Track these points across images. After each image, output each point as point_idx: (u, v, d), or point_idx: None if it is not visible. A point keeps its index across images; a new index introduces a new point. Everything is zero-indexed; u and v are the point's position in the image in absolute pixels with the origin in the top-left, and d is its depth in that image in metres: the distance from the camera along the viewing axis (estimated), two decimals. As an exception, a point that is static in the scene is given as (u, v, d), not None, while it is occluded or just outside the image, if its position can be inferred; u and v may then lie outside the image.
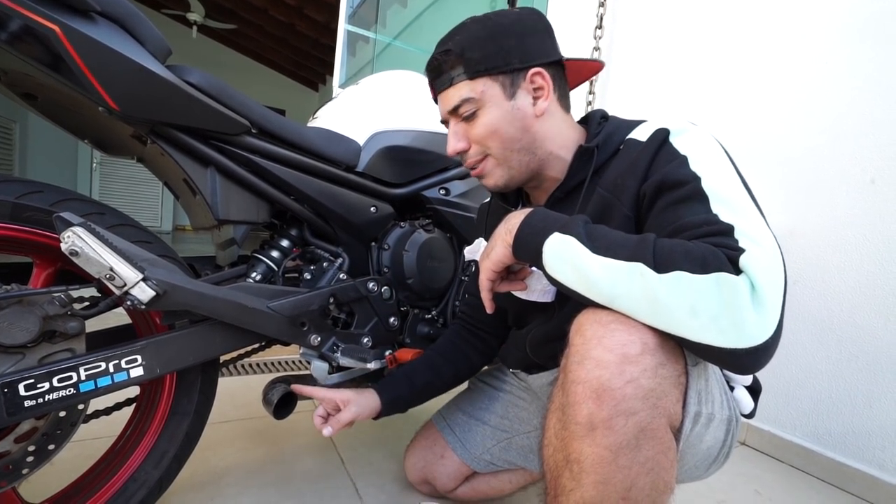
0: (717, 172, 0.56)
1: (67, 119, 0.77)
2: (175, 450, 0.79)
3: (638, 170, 0.62)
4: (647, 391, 0.49)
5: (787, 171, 1.37)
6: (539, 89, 0.68)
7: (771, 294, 0.46)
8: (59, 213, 0.59)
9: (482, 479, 0.95)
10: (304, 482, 1.01)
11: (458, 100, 0.68)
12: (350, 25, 2.34)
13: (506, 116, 0.68)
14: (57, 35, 0.57)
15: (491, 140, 0.69)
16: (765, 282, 0.46)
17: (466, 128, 0.70)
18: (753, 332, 0.45)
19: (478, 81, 0.67)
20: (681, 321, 0.47)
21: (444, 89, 0.70)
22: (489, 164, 0.71)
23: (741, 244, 0.48)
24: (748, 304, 0.45)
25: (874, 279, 1.19)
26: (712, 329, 0.45)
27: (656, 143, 0.62)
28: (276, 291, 0.82)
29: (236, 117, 0.75)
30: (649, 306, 0.49)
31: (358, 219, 0.94)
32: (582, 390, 0.49)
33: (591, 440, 0.49)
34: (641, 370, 0.49)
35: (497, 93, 0.67)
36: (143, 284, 0.61)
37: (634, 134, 0.66)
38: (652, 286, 0.48)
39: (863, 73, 1.23)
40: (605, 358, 0.49)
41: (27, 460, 0.64)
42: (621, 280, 0.50)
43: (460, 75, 0.67)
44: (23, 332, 0.61)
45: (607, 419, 0.48)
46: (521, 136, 0.69)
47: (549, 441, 0.55)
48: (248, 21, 6.35)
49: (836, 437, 1.24)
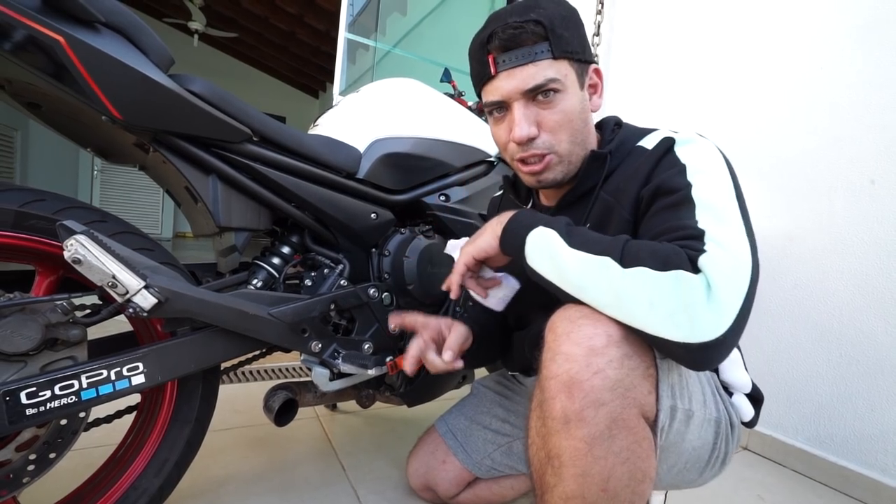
0: (709, 182, 0.58)
1: (70, 128, 0.77)
2: (176, 457, 0.79)
3: (640, 175, 0.63)
4: (615, 381, 0.50)
5: (785, 174, 1.38)
6: (594, 86, 0.69)
7: (726, 294, 0.47)
8: (62, 222, 0.59)
9: (484, 484, 0.95)
10: (305, 489, 1.00)
11: (543, 79, 0.62)
12: (350, 34, 2.36)
13: (580, 106, 0.66)
14: (61, 45, 0.58)
15: (564, 131, 0.65)
16: (721, 282, 0.48)
17: (541, 112, 0.64)
18: (706, 328, 0.47)
19: (561, 63, 0.63)
20: (640, 314, 0.49)
21: (520, 64, 0.62)
22: (553, 161, 0.67)
23: (706, 247, 0.51)
24: (702, 302, 0.47)
25: (874, 282, 1.19)
26: (668, 323, 0.48)
27: (661, 151, 0.63)
28: (277, 298, 0.82)
29: (238, 125, 0.76)
30: (613, 298, 0.51)
31: (358, 225, 0.94)
32: (554, 385, 0.51)
33: (567, 433, 0.50)
34: (607, 361, 0.50)
35: (574, 79, 0.65)
36: (146, 292, 0.61)
37: (643, 142, 0.66)
38: (616, 279, 0.51)
39: (861, 76, 1.24)
40: (573, 352, 0.51)
41: (28, 469, 0.64)
42: (590, 272, 0.53)
43: (544, 52, 0.61)
44: (25, 339, 0.61)
45: (579, 411, 0.49)
46: (583, 129, 0.68)
47: (532, 440, 0.56)
48: (248, 29, 6.41)
49: (838, 442, 1.24)
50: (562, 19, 0.63)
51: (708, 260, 0.49)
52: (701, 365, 0.50)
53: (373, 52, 3.31)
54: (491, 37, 0.63)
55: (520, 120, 0.64)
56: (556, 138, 0.66)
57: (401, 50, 3.40)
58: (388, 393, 1.06)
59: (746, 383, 0.69)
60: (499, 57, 0.63)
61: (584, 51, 0.66)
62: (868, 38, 1.23)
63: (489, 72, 0.65)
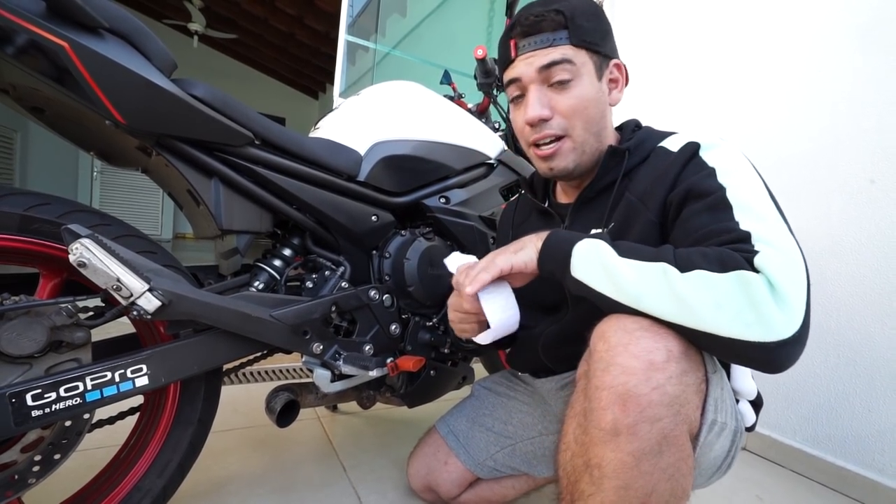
0: (742, 184, 0.58)
1: (73, 132, 0.78)
2: (179, 458, 0.79)
3: (667, 179, 0.63)
4: (672, 398, 0.49)
5: (783, 176, 1.39)
6: (614, 81, 0.70)
7: (791, 290, 0.47)
8: (67, 225, 0.60)
9: (486, 485, 0.95)
10: (306, 490, 1.01)
11: (558, 56, 0.64)
12: (350, 36, 2.37)
13: (596, 95, 0.68)
14: (66, 51, 0.58)
15: (577, 116, 0.67)
16: (783, 279, 0.47)
17: (554, 96, 0.67)
18: (779, 325, 0.46)
19: (580, 51, 0.66)
20: (707, 317, 0.48)
21: (538, 48, 0.65)
22: (566, 146, 0.69)
23: (757, 247, 0.50)
24: (769, 300, 0.46)
25: (871, 284, 1.20)
26: (738, 323, 0.46)
27: (687, 154, 0.63)
28: (278, 300, 0.83)
29: (240, 129, 0.76)
30: (675, 304, 0.49)
31: (359, 227, 0.95)
32: (607, 396, 0.50)
33: (615, 445, 0.49)
34: (667, 377, 0.49)
35: (592, 70, 0.67)
36: (150, 295, 0.62)
37: (665, 143, 0.67)
38: (676, 284, 0.49)
39: (859, 78, 1.25)
40: (631, 364, 0.49)
41: (33, 470, 0.64)
42: (647, 279, 0.51)
43: (563, 39, 0.65)
44: (30, 342, 0.62)
45: (632, 425, 0.48)
46: (599, 120, 0.69)
47: (568, 445, 0.55)
48: (248, 31, 6.41)
49: (836, 442, 1.25)
50: (584, 12, 0.66)
51: (764, 259, 0.48)
52: (780, 365, 0.47)
53: (373, 53, 3.32)
54: (514, 24, 0.67)
55: (533, 102, 0.67)
56: (570, 123, 0.68)
57: (400, 52, 3.41)
58: (388, 394, 1.07)
59: (753, 390, 0.70)
60: (520, 42, 0.67)
61: (604, 44, 0.68)
62: (867, 39, 1.23)
63: (510, 55, 0.68)
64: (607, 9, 1.98)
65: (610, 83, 0.70)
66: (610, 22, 0.70)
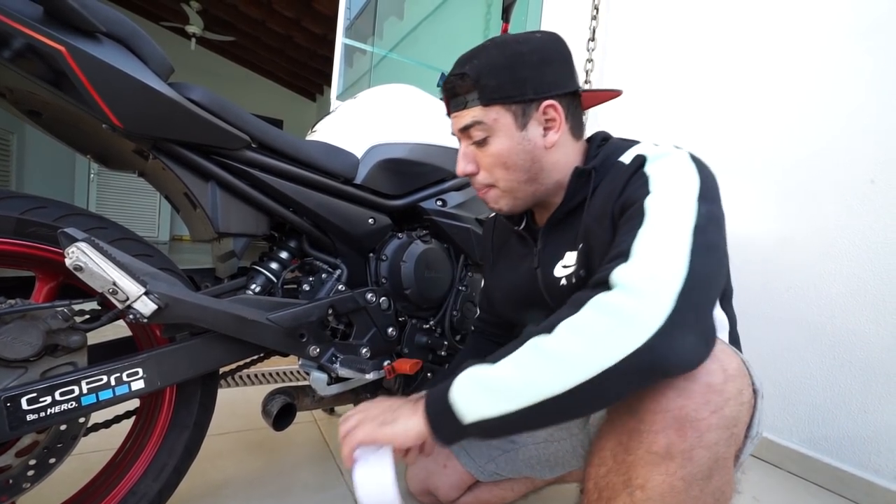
0: (666, 191, 0.56)
1: (70, 135, 0.78)
2: (175, 462, 0.79)
3: (613, 195, 0.63)
4: (729, 420, 0.49)
5: (779, 178, 1.40)
6: (551, 121, 0.69)
7: (647, 283, 0.47)
8: (64, 229, 0.60)
9: (485, 487, 0.95)
10: (303, 493, 1.01)
11: (469, 119, 0.68)
12: (347, 39, 2.37)
13: (515, 147, 0.68)
14: (63, 55, 0.59)
15: (499, 169, 0.70)
16: (635, 278, 0.47)
17: (476, 152, 0.71)
18: (646, 318, 0.45)
19: (491, 109, 0.67)
20: (592, 357, 0.46)
21: (457, 111, 0.70)
22: (495, 194, 0.72)
23: (627, 260, 0.50)
24: (625, 303, 0.46)
25: (867, 285, 1.21)
26: (616, 343, 0.45)
27: (633, 168, 0.63)
28: (275, 303, 0.83)
29: (237, 132, 0.77)
30: (562, 367, 0.47)
31: (356, 230, 0.95)
32: (662, 419, 0.48)
33: (665, 469, 0.48)
34: (725, 399, 0.48)
35: (509, 122, 0.68)
36: (146, 298, 0.62)
37: (623, 157, 0.66)
38: (549, 348, 0.49)
39: (858, 80, 1.26)
40: (688, 387, 0.48)
41: (28, 474, 0.64)
42: (525, 364, 0.50)
43: (474, 100, 0.67)
44: (26, 346, 0.62)
45: (688, 450, 0.47)
46: (529, 166, 0.70)
47: (603, 460, 0.54)
48: (245, 33, 6.42)
49: (832, 443, 1.25)
50: (492, 68, 0.66)
51: (619, 272, 0.49)
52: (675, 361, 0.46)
53: (370, 56, 3.32)
54: (443, 86, 0.72)
55: (460, 159, 0.72)
56: (493, 175, 0.71)
57: (398, 54, 3.42)
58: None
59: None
60: (448, 102, 0.72)
61: (523, 91, 0.66)
62: (867, 39, 1.24)
63: (448, 112, 0.74)
64: (603, 11, 1.99)
65: (547, 123, 0.69)
66: (536, 59, 0.67)
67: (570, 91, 0.69)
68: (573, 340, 0.48)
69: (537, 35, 0.69)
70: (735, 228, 1.49)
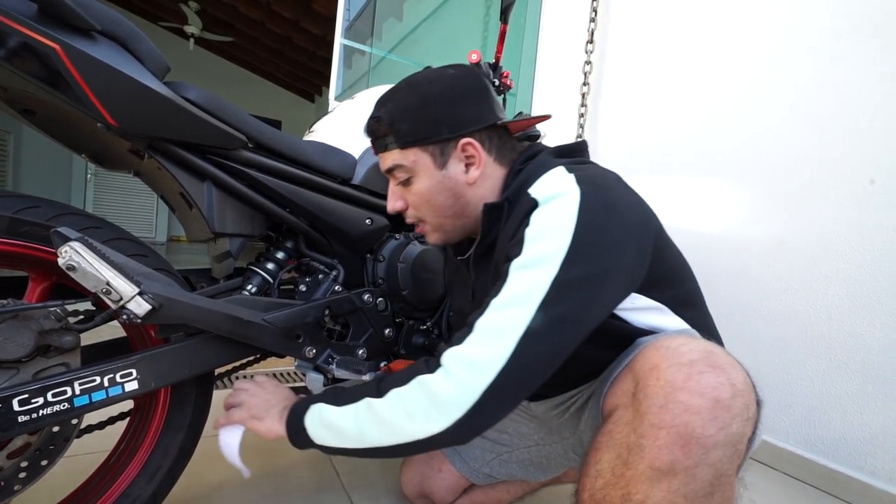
0: (526, 261, 0.56)
1: (65, 134, 0.77)
2: (169, 464, 0.78)
3: (507, 238, 0.64)
4: (735, 436, 0.48)
5: (775, 179, 1.40)
6: (470, 157, 0.69)
7: (466, 376, 0.52)
8: (57, 228, 0.59)
9: (480, 490, 0.95)
10: (299, 496, 1.00)
11: (390, 163, 0.70)
12: (346, 40, 2.37)
13: (437, 186, 0.69)
14: (58, 53, 0.58)
15: (423, 207, 0.72)
16: (458, 366, 0.54)
17: (403, 190, 0.72)
18: (453, 408, 0.52)
19: (409, 151, 0.68)
20: (405, 429, 0.55)
21: (380, 152, 0.72)
22: (426, 229, 0.75)
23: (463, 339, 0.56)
24: (441, 388, 0.53)
25: (862, 286, 1.21)
26: (426, 422, 0.54)
27: (523, 213, 0.61)
28: (271, 304, 0.82)
29: (233, 132, 0.76)
30: (384, 429, 0.56)
31: (353, 231, 0.95)
32: (666, 436, 0.48)
33: (667, 486, 0.48)
34: (732, 416, 0.47)
35: (428, 163, 0.68)
36: (140, 298, 0.61)
37: (533, 188, 0.64)
38: (378, 410, 0.57)
39: (858, 81, 1.26)
40: (696, 403, 0.47)
41: (19, 476, 0.64)
42: (358, 418, 0.59)
43: (392, 143, 0.68)
44: (18, 346, 0.61)
45: (692, 467, 0.47)
46: (454, 203, 0.70)
47: (600, 473, 0.54)
48: (244, 34, 6.41)
49: (828, 445, 1.25)
50: (404, 111, 0.67)
51: (451, 353, 0.55)
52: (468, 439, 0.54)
53: (369, 57, 3.32)
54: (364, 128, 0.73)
55: (389, 195, 0.75)
56: (420, 212, 0.73)
57: (397, 55, 3.42)
58: (382, 398, 1.06)
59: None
60: (372, 144, 0.73)
61: (438, 132, 0.66)
62: (868, 39, 1.25)
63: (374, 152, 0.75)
64: (602, 12, 1.99)
65: (468, 159, 0.69)
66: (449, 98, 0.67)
67: (488, 125, 0.69)
68: (395, 410, 0.56)
69: (450, 71, 0.69)
70: (732, 230, 1.49)
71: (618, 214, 0.58)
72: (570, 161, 0.68)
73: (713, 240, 1.54)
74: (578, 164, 0.67)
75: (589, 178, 0.60)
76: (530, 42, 2.40)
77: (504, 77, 1.28)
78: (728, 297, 1.48)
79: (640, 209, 0.63)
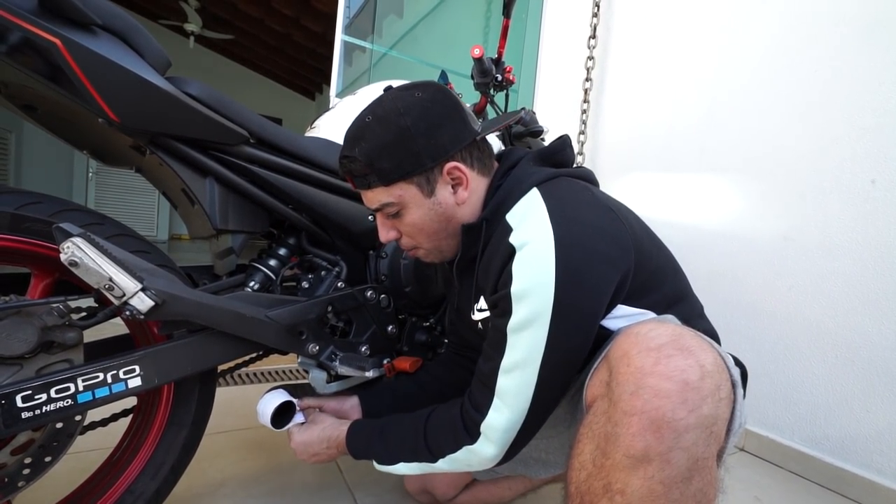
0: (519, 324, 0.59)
1: (66, 130, 0.77)
2: (173, 461, 0.78)
3: (489, 280, 0.65)
4: (707, 418, 0.47)
5: (782, 176, 1.39)
6: (457, 179, 0.68)
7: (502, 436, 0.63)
8: (59, 224, 0.59)
9: (482, 486, 0.95)
10: (302, 492, 1.00)
11: (377, 203, 0.69)
12: (347, 36, 2.36)
13: (428, 214, 0.69)
14: (58, 48, 0.58)
15: (417, 236, 0.72)
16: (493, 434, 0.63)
17: (394, 222, 0.72)
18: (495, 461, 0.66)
19: (394, 186, 0.67)
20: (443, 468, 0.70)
21: (363, 189, 0.70)
22: (421, 253, 0.75)
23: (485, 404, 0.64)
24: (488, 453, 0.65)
25: (868, 283, 1.20)
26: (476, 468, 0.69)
27: (502, 261, 0.62)
28: (274, 300, 0.82)
29: (235, 128, 0.76)
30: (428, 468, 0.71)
31: (356, 227, 0.94)
32: (638, 422, 0.47)
33: (643, 473, 0.47)
34: (702, 397, 0.47)
35: (415, 193, 0.68)
36: (142, 294, 0.61)
37: (510, 215, 0.65)
38: (436, 467, 0.70)
39: (860, 80, 1.25)
40: (665, 387, 0.47)
41: (23, 472, 0.63)
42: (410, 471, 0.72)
43: (375, 181, 0.67)
44: (21, 342, 0.61)
45: (665, 452, 0.46)
46: (447, 225, 0.71)
47: (583, 465, 0.54)
48: (244, 31, 6.40)
49: (834, 442, 1.25)
50: (382, 149, 0.65)
51: (487, 425, 0.64)
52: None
53: (369, 54, 3.31)
54: (339, 165, 0.71)
55: (380, 228, 0.75)
56: (415, 240, 0.73)
57: (397, 52, 3.40)
58: (385, 395, 1.06)
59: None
60: (351, 181, 0.71)
61: (420, 163, 0.65)
62: (868, 39, 1.24)
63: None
64: (604, 16, 1.98)
65: (454, 181, 0.69)
66: (425, 127, 0.65)
67: (468, 143, 0.68)
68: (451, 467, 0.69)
69: (417, 94, 0.66)
70: (738, 228, 1.49)
71: (593, 252, 0.59)
72: (547, 175, 0.68)
73: (717, 237, 1.53)
74: (553, 177, 0.68)
75: (559, 209, 0.61)
76: (532, 37, 2.39)
77: (507, 72, 1.27)
78: (732, 294, 1.47)
79: (613, 232, 0.62)
